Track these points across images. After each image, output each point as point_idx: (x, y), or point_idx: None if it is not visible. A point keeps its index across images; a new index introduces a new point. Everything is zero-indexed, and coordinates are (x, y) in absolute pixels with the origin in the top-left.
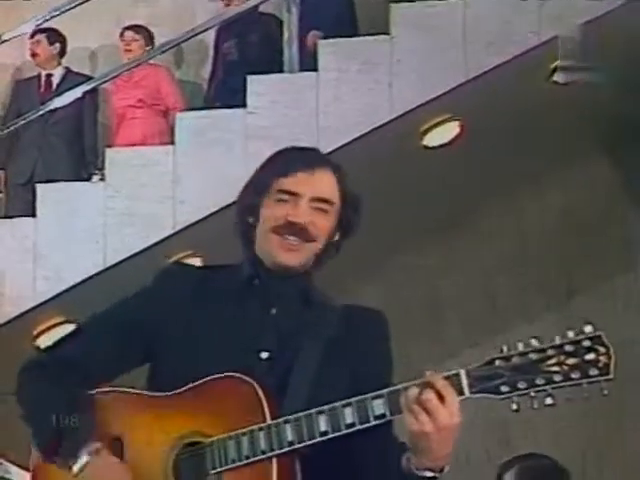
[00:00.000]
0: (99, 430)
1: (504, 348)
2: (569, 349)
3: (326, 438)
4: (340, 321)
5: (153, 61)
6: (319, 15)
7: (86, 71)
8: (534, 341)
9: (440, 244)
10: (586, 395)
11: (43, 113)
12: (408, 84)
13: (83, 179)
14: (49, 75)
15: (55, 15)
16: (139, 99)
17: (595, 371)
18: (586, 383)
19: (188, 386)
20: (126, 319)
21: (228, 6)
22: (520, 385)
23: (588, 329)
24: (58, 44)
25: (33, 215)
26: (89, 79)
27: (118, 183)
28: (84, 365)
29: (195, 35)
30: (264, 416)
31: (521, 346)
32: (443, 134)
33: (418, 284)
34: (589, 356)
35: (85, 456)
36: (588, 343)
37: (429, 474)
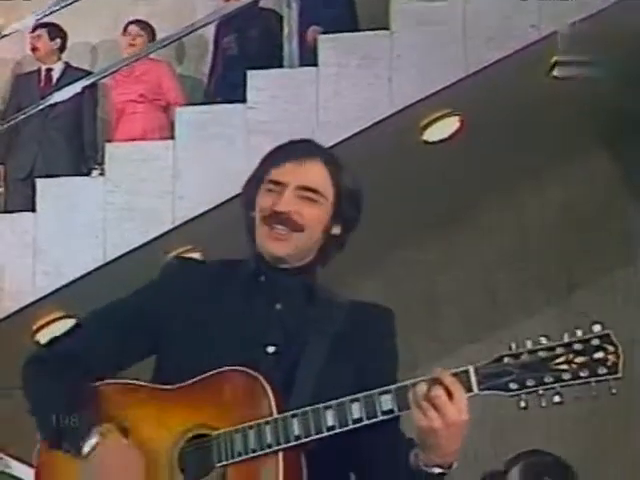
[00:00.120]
0: (105, 421)
1: (513, 346)
2: (578, 347)
3: (333, 433)
4: (346, 317)
5: (154, 56)
6: (319, 10)
7: (86, 66)
8: (543, 339)
9: (440, 239)
10: (594, 394)
11: (43, 108)
12: (408, 79)
13: (83, 174)
14: (49, 70)
15: (55, 10)
16: (140, 94)
17: (604, 370)
18: (595, 382)
19: (194, 379)
20: (132, 313)
21: (228, 1)
22: (529, 383)
23: (597, 328)
24: (59, 39)
25: (33, 210)
26: (89, 74)
27: (118, 178)
28: (89, 358)
29: (195, 30)
30: (271, 410)
31: (530, 344)
32: (443, 129)
33: (418, 279)
34: (598, 355)
35: (95, 436)
36: (597, 342)
37: (438, 470)
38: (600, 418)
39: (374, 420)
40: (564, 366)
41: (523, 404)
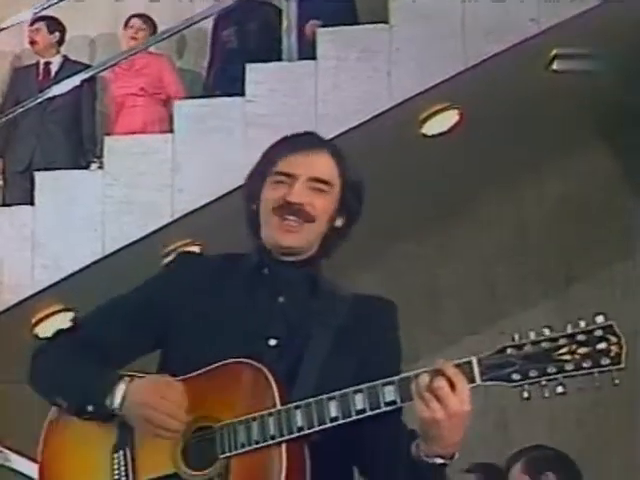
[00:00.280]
0: None
1: (516, 337)
2: (581, 338)
3: (336, 424)
4: (349, 310)
5: (154, 50)
6: (318, 4)
7: (85, 60)
8: (546, 330)
9: (439, 232)
10: (597, 384)
11: (41, 101)
12: (407, 72)
13: (81, 167)
14: (48, 63)
15: (54, 3)
16: (141, 87)
17: (607, 360)
18: (597, 372)
19: (198, 371)
20: (138, 306)
21: None
22: (531, 373)
23: (600, 319)
24: (58, 32)
25: (31, 203)
26: (87, 67)
27: (117, 171)
28: (98, 349)
29: (194, 23)
30: (274, 401)
31: (533, 335)
32: (442, 122)
33: (417, 272)
34: (601, 345)
35: (122, 385)
36: (600, 332)
37: (439, 461)
38: (603, 409)
39: (377, 411)
40: (567, 357)
41: (526, 395)
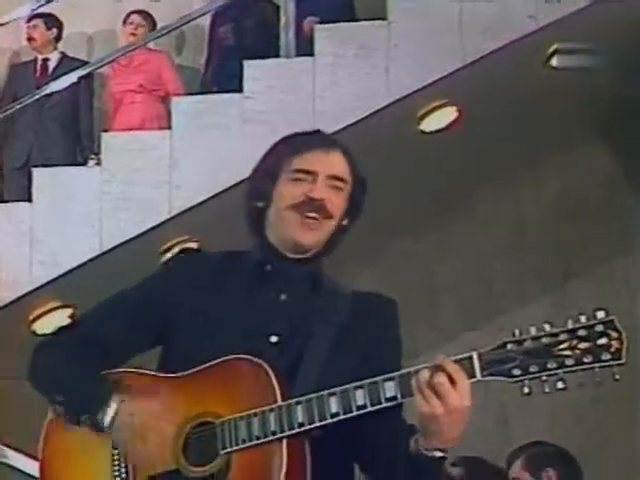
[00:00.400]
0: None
1: (516, 332)
2: (582, 333)
3: (337, 420)
4: (350, 307)
5: (153, 46)
6: (316, 0)
7: (82, 56)
8: (547, 325)
9: (437, 229)
10: (598, 380)
11: (39, 97)
12: (405, 69)
13: (79, 163)
14: (45, 60)
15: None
16: (139, 84)
17: (607, 355)
18: (598, 367)
19: (199, 367)
20: (139, 303)
21: None
22: (532, 369)
23: (601, 314)
24: (55, 29)
25: (29, 200)
26: (85, 64)
27: (114, 168)
28: (99, 346)
29: (191, 20)
30: (275, 397)
31: (533, 330)
32: (440, 119)
33: (415, 269)
34: (601, 341)
35: (114, 404)
36: (601, 328)
37: (438, 454)
38: (603, 404)
39: (378, 407)
40: (567, 352)
41: (526, 390)
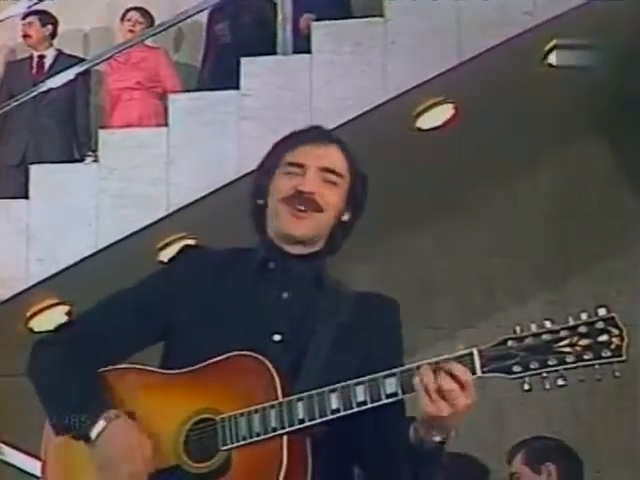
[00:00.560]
0: (113, 406)
1: (517, 329)
2: (582, 330)
3: (337, 416)
4: (352, 307)
5: (151, 43)
6: None
7: (78, 53)
8: (547, 322)
9: (434, 227)
10: (598, 377)
11: (35, 95)
12: (402, 66)
13: (76, 160)
14: (41, 57)
15: None
16: (137, 81)
17: (608, 353)
18: (598, 364)
19: (201, 364)
20: (143, 299)
21: None
22: (532, 365)
23: (602, 311)
24: (50, 26)
25: (26, 197)
26: (81, 61)
27: (111, 164)
28: (100, 344)
29: (188, 17)
30: (276, 394)
31: (534, 327)
32: (437, 116)
33: (412, 266)
34: (602, 338)
35: (102, 421)
36: (601, 325)
37: (438, 438)
38: (600, 399)
39: (378, 403)
40: (568, 349)
41: (527, 387)
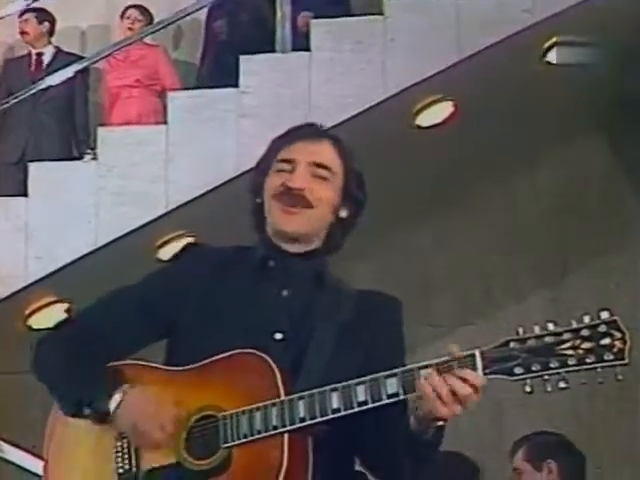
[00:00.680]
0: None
1: (520, 330)
2: (585, 333)
3: (338, 415)
4: (354, 305)
5: (150, 41)
6: None
7: (75, 51)
8: (550, 324)
9: (433, 224)
10: (600, 380)
11: (34, 92)
12: (401, 64)
13: (75, 158)
14: (39, 54)
15: None
16: (136, 79)
17: (610, 356)
18: (600, 368)
19: (204, 361)
20: (148, 296)
21: None
22: (534, 368)
23: (605, 314)
24: (47, 22)
25: (25, 194)
26: (80, 58)
27: (110, 162)
28: (104, 340)
29: (187, 15)
30: (278, 392)
31: (537, 329)
32: (436, 114)
33: (411, 264)
34: (604, 341)
35: (118, 395)
36: (604, 328)
37: (440, 423)
38: (600, 400)
39: (379, 403)
40: (570, 352)
41: (528, 389)
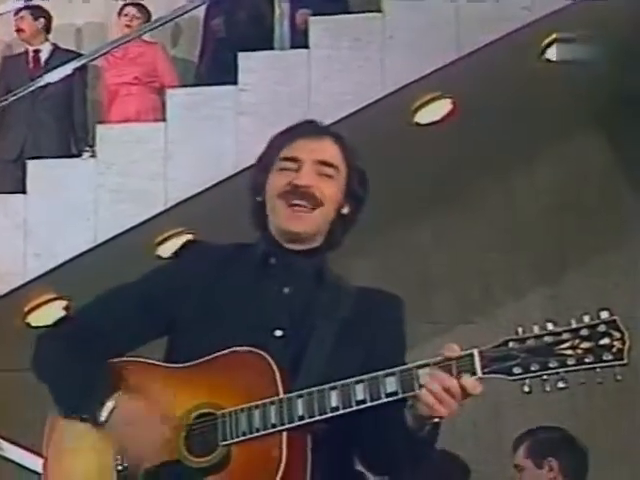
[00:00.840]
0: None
1: (519, 330)
2: (584, 333)
3: (336, 414)
4: (354, 303)
5: (149, 38)
6: None
7: (72, 48)
8: (549, 324)
9: (432, 221)
10: (599, 380)
11: (33, 89)
12: (400, 61)
13: (73, 155)
14: (37, 51)
15: None
16: (135, 76)
17: (609, 356)
18: (599, 368)
19: (204, 359)
20: (148, 293)
21: None
22: (533, 367)
23: (604, 314)
24: (42, 19)
25: (23, 192)
26: (78, 55)
27: (109, 159)
28: (104, 337)
29: (185, 12)
30: (277, 390)
31: (536, 329)
32: (435, 111)
33: (410, 261)
34: (604, 341)
35: (110, 403)
36: (603, 328)
37: (437, 419)
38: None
39: (377, 402)
40: (569, 352)
41: (527, 389)
